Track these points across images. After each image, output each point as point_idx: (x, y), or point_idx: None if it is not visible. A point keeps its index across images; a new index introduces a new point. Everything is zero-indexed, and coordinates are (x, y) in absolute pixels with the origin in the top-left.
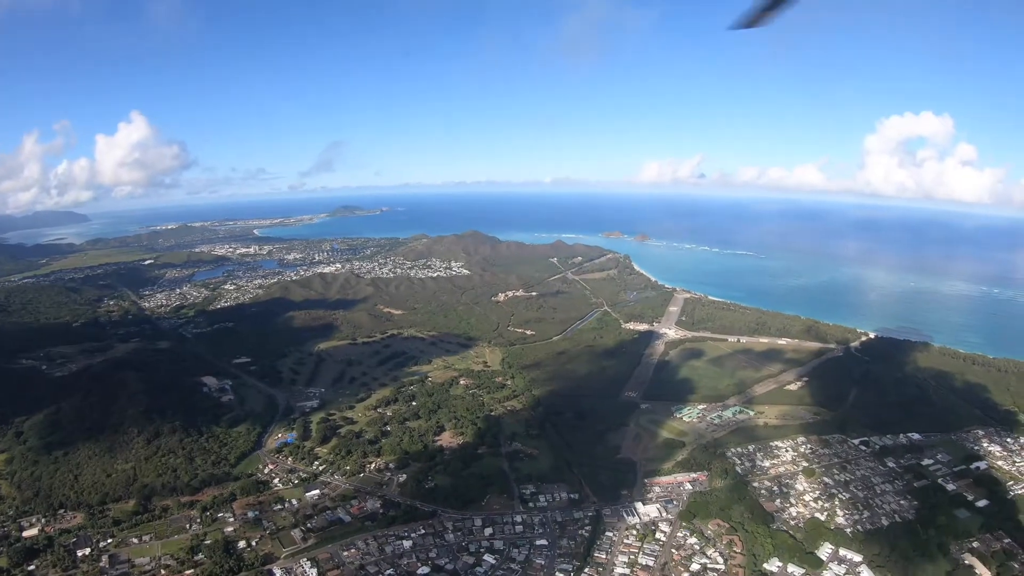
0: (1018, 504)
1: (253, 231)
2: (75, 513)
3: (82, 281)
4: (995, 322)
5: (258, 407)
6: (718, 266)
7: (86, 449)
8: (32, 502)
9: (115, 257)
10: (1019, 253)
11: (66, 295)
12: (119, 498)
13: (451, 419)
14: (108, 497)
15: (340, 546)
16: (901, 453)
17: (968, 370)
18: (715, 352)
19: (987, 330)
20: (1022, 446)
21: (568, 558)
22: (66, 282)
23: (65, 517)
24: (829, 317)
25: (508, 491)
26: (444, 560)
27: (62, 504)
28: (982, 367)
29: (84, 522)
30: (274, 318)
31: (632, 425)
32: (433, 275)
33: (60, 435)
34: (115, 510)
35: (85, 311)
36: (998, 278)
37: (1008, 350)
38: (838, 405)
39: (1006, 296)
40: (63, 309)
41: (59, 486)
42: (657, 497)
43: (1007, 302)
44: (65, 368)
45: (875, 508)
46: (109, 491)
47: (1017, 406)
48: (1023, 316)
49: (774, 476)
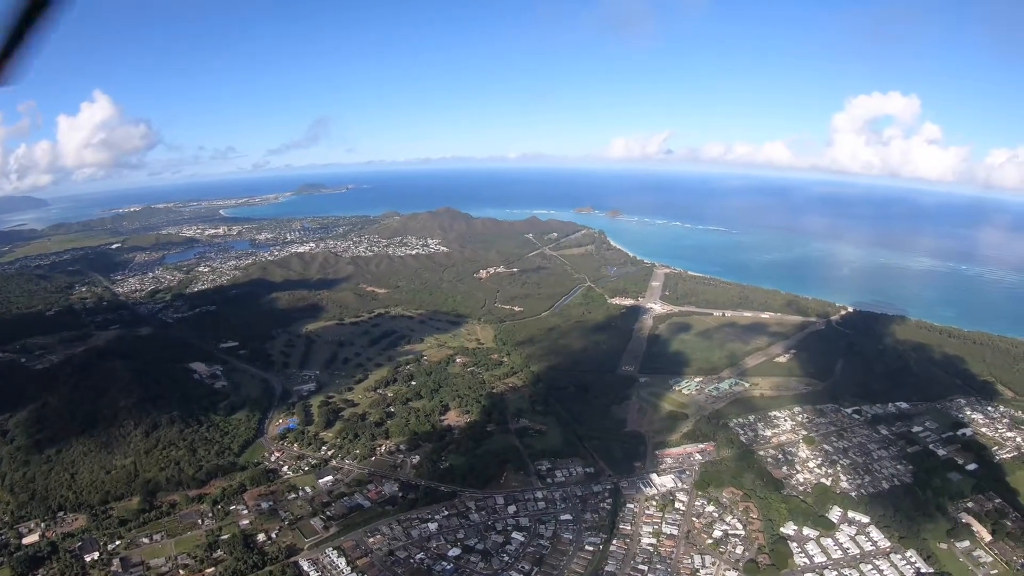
0: (1004, 467)
1: (219, 211)
2: (76, 515)
3: (49, 268)
4: (966, 297)
5: (254, 393)
6: (692, 241)
7: (80, 445)
8: (28, 506)
9: (80, 242)
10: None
11: (36, 283)
12: (121, 496)
13: (455, 398)
14: (110, 496)
15: (364, 533)
16: (892, 421)
17: (945, 343)
18: (702, 326)
19: (959, 304)
20: (1002, 414)
21: (594, 531)
22: (32, 269)
23: (66, 520)
24: (806, 291)
25: (524, 468)
26: (473, 540)
27: (61, 506)
28: (958, 340)
29: (87, 524)
30: (257, 300)
31: (634, 398)
32: (412, 253)
33: (50, 432)
34: (119, 509)
35: (57, 299)
36: (964, 254)
37: (981, 324)
38: (827, 376)
39: (973, 272)
40: (34, 298)
41: (56, 487)
42: (669, 468)
43: (975, 278)
44: (45, 360)
45: (875, 473)
46: (110, 489)
47: (994, 376)
48: (992, 291)
49: (776, 445)
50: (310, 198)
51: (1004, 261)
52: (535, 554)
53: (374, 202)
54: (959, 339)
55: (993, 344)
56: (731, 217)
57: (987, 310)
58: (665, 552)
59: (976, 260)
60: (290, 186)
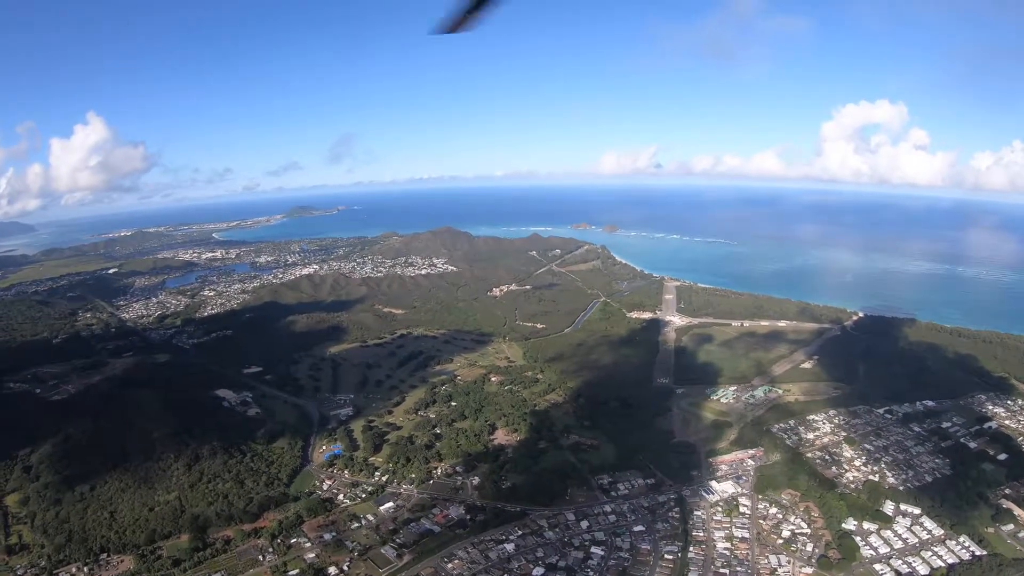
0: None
1: (212, 235)
2: (121, 556)
3: (48, 294)
4: (968, 298)
5: (290, 419)
6: (694, 254)
7: (115, 481)
8: (66, 548)
9: (74, 267)
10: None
11: (37, 309)
12: (168, 534)
13: (500, 417)
14: (156, 534)
15: (440, 559)
16: (922, 419)
17: (956, 342)
18: (723, 336)
19: (963, 305)
20: (1021, 407)
21: (669, 540)
22: (30, 295)
23: (111, 563)
24: (814, 298)
25: (587, 483)
26: (554, 557)
27: (103, 547)
28: (968, 339)
29: (136, 566)
30: (273, 323)
31: (675, 410)
32: (422, 272)
33: (78, 467)
34: (168, 548)
35: (62, 325)
36: (959, 257)
37: (986, 323)
38: (853, 379)
39: (970, 274)
40: (38, 324)
41: (94, 526)
42: (726, 475)
43: (973, 279)
44: (61, 390)
45: (916, 467)
46: (156, 527)
47: (1008, 372)
48: (992, 291)
49: (820, 447)
50: (302, 220)
51: (997, 261)
52: (617, 567)
53: (367, 223)
54: (969, 338)
55: (1003, 342)
56: (726, 229)
57: (990, 309)
58: (741, 555)
59: (971, 262)
60: (281, 208)
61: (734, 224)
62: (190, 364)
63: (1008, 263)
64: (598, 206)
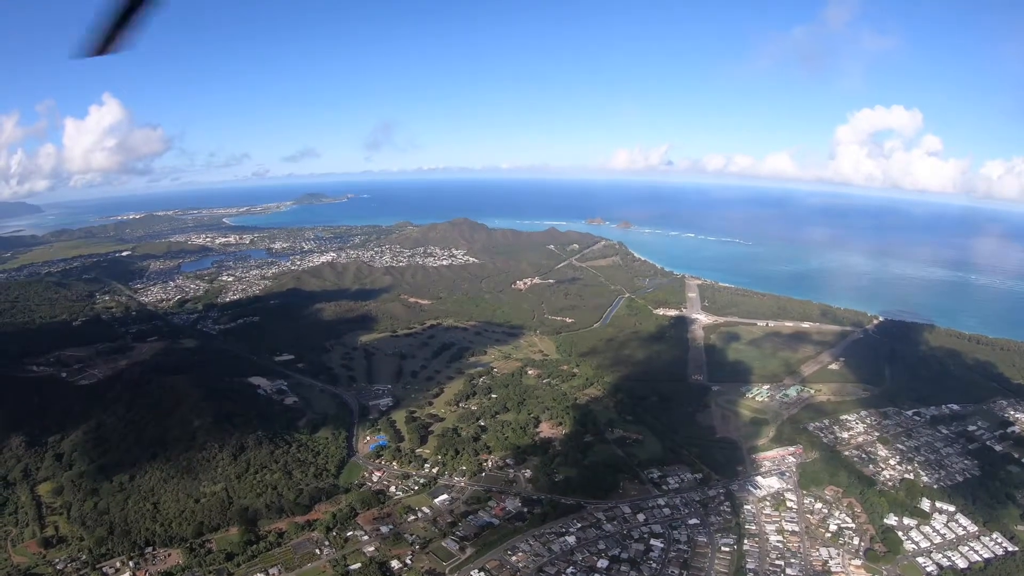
0: None
1: (223, 220)
2: (168, 550)
3: (62, 275)
4: (984, 306)
5: (330, 409)
6: (711, 253)
7: (156, 471)
8: (108, 541)
9: (86, 249)
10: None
11: (55, 291)
12: (217, 527)
13: (543, 410)
14: (204, 527)
15: (503, 551)
16: (948, 422)
17: (975, 349)
18: (749, 336)
19: (979, 313)
20: None
21: (724, 532)
22: (43, 276)
23: (158, 556)
24: (833, 301)
25: (638, 477)
26: (616, 550)
27: (148, 541)
28: (986, 346)
29: (186, 560)
30: (299, 310)
31: (713, 406)
32: (445, 263)
33: (114, 455)
34: (218, 541)
35: (81, 308)
36: (971, 264)
37: (1004, 331)
38: (879, 381)
39: (983, 282)
40: (57, 306)
41: (137, 519)
42: (770, 471)
43: (986, 288)
44: (87, 374)
45: (947, 468)
46: (203, 520)
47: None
48: (1007, 300)
49: (856, 445)
50: (312, 207)
51: (1010, 271)
52: (678, 559)
53: (378, 212)
54: (987, 346)
55: (1020, 350)
56: (740, 229)
57: (1006, 318)
58: (793, 547)
59: (983, 270)
60: (291, 195)
61: (745, 224)
62: (219, 350)
63: (1020, 272)
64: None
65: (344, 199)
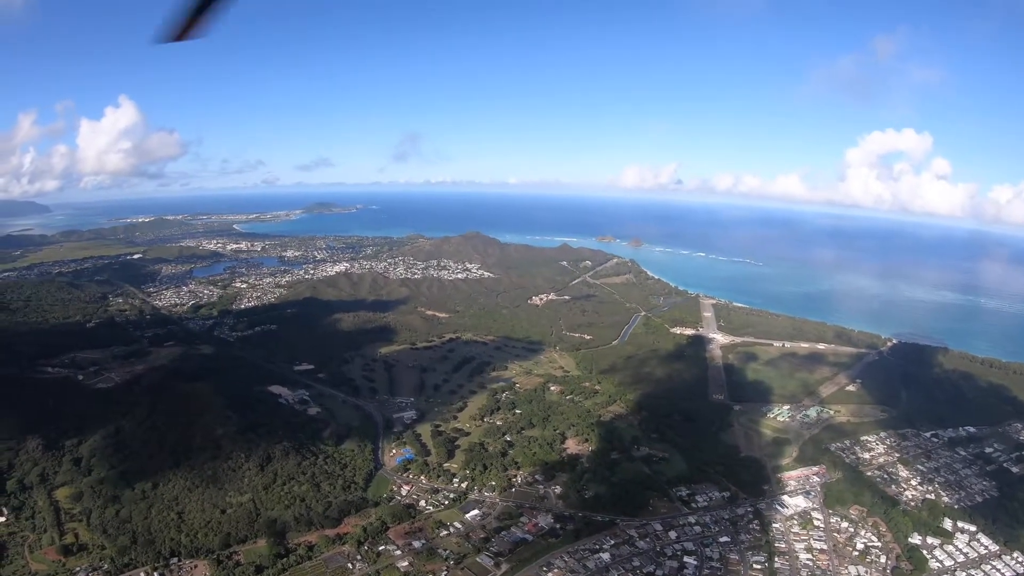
0: None
1: (232, 226)
2: (195, 561)
3: (73, 276)
4: (995, 330)
5: (354, 421)
6: (723, 272)
7: (180, 480)
8: (131, 551)
9: (95, 250)
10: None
11: (67, 291)
12: (244, 538)
13: (568, 426)
14: (231, 539)
15: (538, 567)
16: (966, 444)
17: (988, 372)
18: (766, 356)
19: (990, 336)
20: None
21: (754, 550)
22: (54, 276)
23: (183, 567)
24: (846, 323)
25: (666, 494)
26: (650, 567)
27: (173, 551)
28: (999, 370)
29: (214, 572)
30: (317, 320)
31: (736, 425)
32: (461, 277)
33: (135, 462)
34: (246, 553)
35: (94, 310)
36: (980, 288)
37: (1016, 355)
38: (896, 403)
39: (992, 306)
40: (69, 308)
41: (161, 528)
42: (795, 490)
43: (996, 311)
44: (104, 377)
45: (967, 488)
46: (231, 531)
47: None
48: (1017, 323)
49: (878, 466)
50: (322, 217)
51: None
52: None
53: (388, 223)
54: (1000, 369)
55: None
56: (750, 249)
57: (1018, 341)
58: (823, 565)
59: (992, 294)
60: (300, 203)
61: (755, 244)
62: (237, 357)
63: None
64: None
65: (354, 209)
